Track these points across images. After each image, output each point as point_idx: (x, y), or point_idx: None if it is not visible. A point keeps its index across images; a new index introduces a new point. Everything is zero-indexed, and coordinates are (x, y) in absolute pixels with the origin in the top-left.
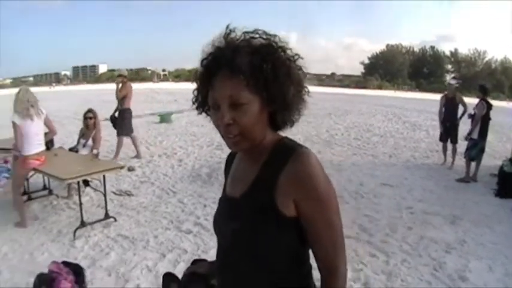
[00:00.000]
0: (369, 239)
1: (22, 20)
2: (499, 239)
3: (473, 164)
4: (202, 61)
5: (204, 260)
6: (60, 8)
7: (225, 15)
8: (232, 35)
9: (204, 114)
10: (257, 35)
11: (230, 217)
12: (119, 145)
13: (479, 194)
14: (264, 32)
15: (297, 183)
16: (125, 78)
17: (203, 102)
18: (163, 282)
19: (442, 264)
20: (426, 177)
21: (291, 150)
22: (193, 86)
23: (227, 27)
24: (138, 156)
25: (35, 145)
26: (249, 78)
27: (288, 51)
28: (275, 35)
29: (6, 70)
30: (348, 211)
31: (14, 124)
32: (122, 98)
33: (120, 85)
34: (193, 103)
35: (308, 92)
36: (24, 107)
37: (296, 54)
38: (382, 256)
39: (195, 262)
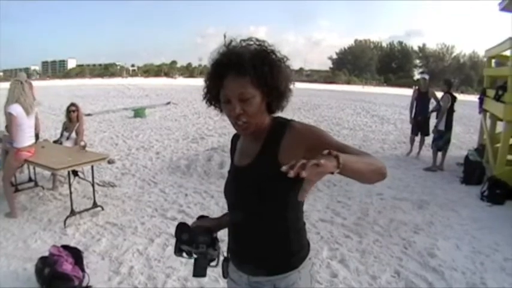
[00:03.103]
0: (342, 222)
1: None
2: (466, 221)
3: (439, 154)
4: (212, 66)
5: (207, 216)
6: (28, 2)
7: (193, 12)
8: (233, 43)
9: (187, 109)
10: (251, 42)
11: (240, 183)
12: None
13: (445, 182)
14: (257, 39)
15: (301, 139)
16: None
17: (213, 98)
18: (176, 231)
19: (412, 243)
20: (395, 166)
21: (285, 124)
22: (162, 81)
23: (225, 36)
24: None
25: (28, 137)
26: (253, 78)
27: (278, 54)
28: (264, 41)
29: None
30: (322, 198)
31: (9, 115)
32: None
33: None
34: (204, 99)
35: (294, 84)
36: (26, 102)
37: (284, 56)
38: (356, 237)
39: (200, 218)
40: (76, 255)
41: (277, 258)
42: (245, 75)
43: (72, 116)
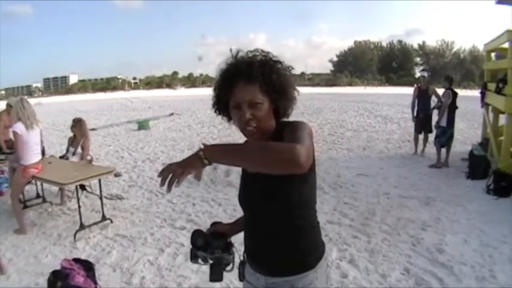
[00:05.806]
0: (350, 223)
1: None
2: (472, 216)
3: (443, 150)
4: (221, 75)
5: (220, 222)
6: (27, 18)
7: (191, 21)
8: (240, 53)
9: (190, 119)
10: (258, 53)
11: (251, 187)
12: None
13: (451, 178)
14: (262, 50)
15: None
16: None
17: (222, 107)
18: (191, 237)
19: (420, 240)
20: (400, 165)
21: (286, 125)
22: (164, 92)
23: (231, 50)
24: None
25: (35, 154)
26: (262, 85)
27: (283, 63)
28: (269, 52)
29: None
30: (329, 200)
31: (15, 134)
32: None
33: None
34: (213, 107)
35: (298, 92)
36: (25, 116)
37: (290, 66)
38: (364, 237)
39: (213, 224)
40: (87, 267)
41: (294, 259)
42: (255, 82)
43: (77, 131)
